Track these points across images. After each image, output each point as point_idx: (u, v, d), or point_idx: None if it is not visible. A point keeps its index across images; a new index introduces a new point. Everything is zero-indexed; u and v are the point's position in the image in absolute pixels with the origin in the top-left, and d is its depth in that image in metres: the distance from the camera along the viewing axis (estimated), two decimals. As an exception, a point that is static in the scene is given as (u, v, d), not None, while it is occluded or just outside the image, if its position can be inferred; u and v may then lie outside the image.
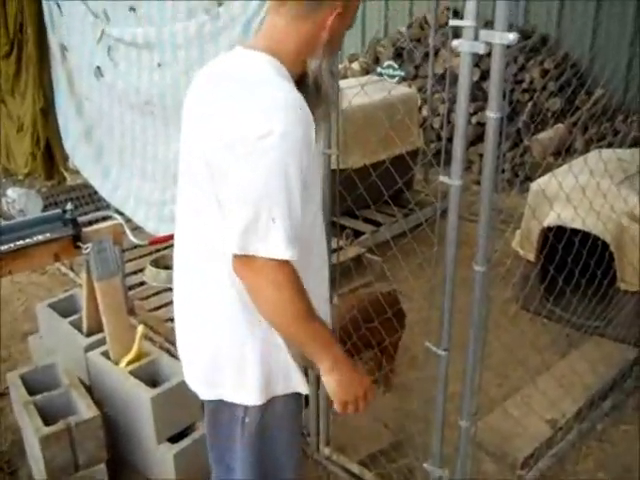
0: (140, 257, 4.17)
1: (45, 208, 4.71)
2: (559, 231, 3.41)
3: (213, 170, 1.43)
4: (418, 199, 4.62)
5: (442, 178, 1.78)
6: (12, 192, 4.73)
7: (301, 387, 1.64)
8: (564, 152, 5.47)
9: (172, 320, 1.86)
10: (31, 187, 5.01)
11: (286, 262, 1.40)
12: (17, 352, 3.49)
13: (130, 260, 4.09)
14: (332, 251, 2.33)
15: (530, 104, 6.06)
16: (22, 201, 4.64)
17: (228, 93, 1.43)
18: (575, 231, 3.31)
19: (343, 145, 1.69)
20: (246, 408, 1.61)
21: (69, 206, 2.57)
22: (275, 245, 1.38)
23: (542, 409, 2.85)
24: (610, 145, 5.37)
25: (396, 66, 4.89)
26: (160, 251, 3.97)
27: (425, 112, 5.87)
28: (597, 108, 5.88)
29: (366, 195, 2.57)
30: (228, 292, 1.53)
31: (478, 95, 5.81)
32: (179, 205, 1.66)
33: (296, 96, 1.39)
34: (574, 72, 6.21)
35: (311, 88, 1.48)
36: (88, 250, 2.53)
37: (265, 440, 1.66)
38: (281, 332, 1.53)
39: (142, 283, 3.94)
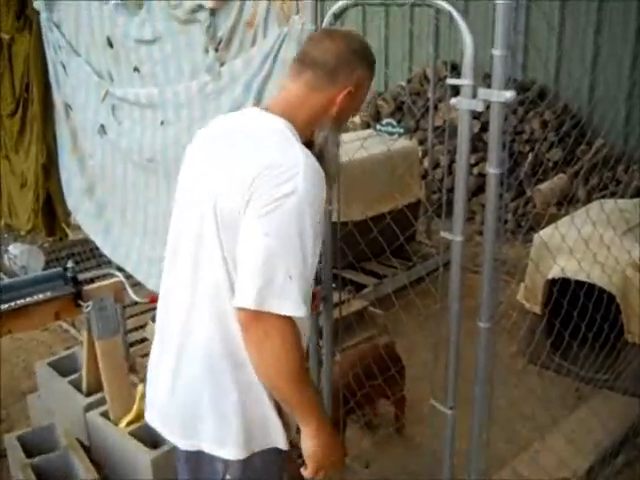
0: (141, 313, 4.13)
1: (47, 264, 4.70)
2: (564, 283, 3.38)
3: (220, 219, 1.46)
4: (421, 252, 4.60)
5: (443, 233, 1.77)
6: (14, 248, 4.72)
7: (280, 442, 1.60)
8: (566, 202, 5.48)
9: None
10: (33, 243, 5.00)
11: (292, 319, 1.41)
12: (15, 412, 3.43)
13: (131, 316, 4.05)
14: (334, 305, 2.31)
15: (531, 155, 6.10)
16: (24, 257, 4.63)
17: (248, 150, 1.49)
18: (580, 283, 3.28)
19: (344, 199, 1.69)
20: (227, 463, 1.58)
21: (70, 264, 2.57)
22: (289, 303, 1.39)
23: (552, 467, 2.77)
24: (612, 194, 5.38)
25: (395, 123, 4.92)
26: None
27: (426, 164, 5.91)
28: (598, 158, 5.92)
29: (366, 249, 2.56)
30: (216, 342, 1.53)
31: (479, 146, 5.85)
32: (169, 255, 1.65)
33: (312, 157, 1.47)
34: (574, 123, 6.28)
35: (315, 155, 1.52)
36: (89, 308, 2.52)
37: None
38: (276, 390, 1.51)
39: (143, 340, 3.90)
